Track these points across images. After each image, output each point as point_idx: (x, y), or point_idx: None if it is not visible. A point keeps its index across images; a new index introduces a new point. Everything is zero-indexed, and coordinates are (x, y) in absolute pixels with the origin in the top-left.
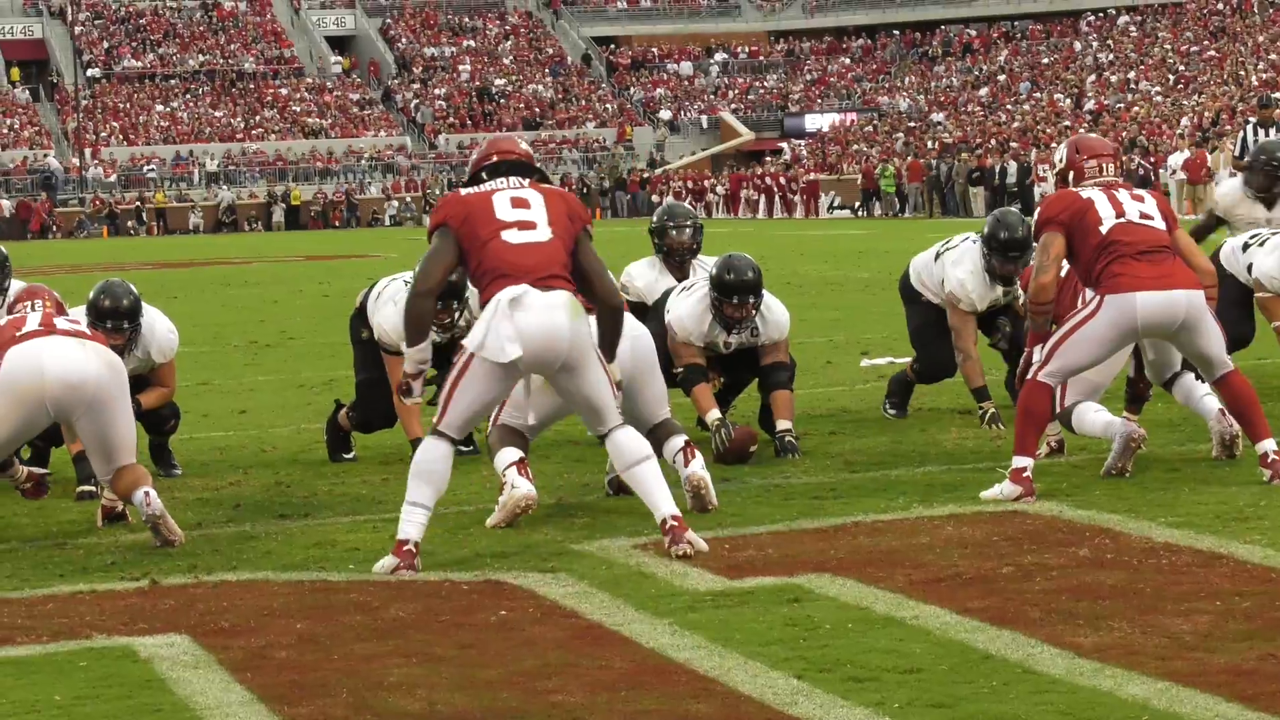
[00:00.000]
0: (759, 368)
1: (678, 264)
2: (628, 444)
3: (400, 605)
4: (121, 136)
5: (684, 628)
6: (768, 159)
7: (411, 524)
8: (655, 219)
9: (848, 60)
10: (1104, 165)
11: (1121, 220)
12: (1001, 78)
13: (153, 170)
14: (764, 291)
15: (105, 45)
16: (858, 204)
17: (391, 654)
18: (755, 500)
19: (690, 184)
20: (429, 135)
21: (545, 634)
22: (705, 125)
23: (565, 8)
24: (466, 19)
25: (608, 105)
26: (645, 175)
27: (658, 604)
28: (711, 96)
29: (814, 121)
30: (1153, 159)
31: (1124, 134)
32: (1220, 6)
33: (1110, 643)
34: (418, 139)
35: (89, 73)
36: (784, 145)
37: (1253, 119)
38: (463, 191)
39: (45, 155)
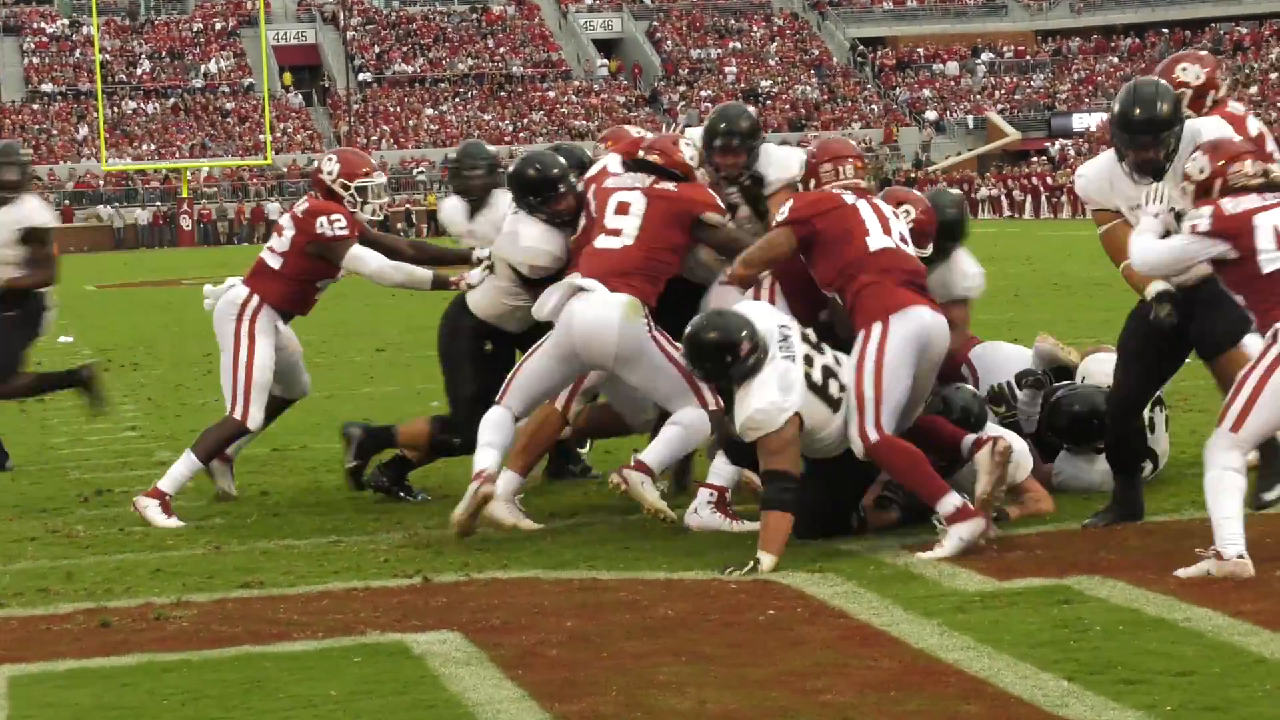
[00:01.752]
0: None
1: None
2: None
3: (669, 604)
4: (392, 140)
5: (953, 628)
6: (1034, 159)
7: (487, 458)
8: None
9: (1115, 59)
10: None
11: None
12: (1274, 76)
13: (422, 173)
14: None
15: (376, 50)
16: None
17: (661, 652)
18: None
19: (957, 185)
20: None
21: (814, 634)
22: (971, 125)
23: (830, 9)
24: (732, 21)
25: (873, 106)
26: (912, 176)
27: (926, 604)
28: (977, 96)
29: (1081, 121)
30: None
31: None
32: None
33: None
34: None
35: (360, 77)
36: (1050, 145)
37: None
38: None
39: (311, 160)
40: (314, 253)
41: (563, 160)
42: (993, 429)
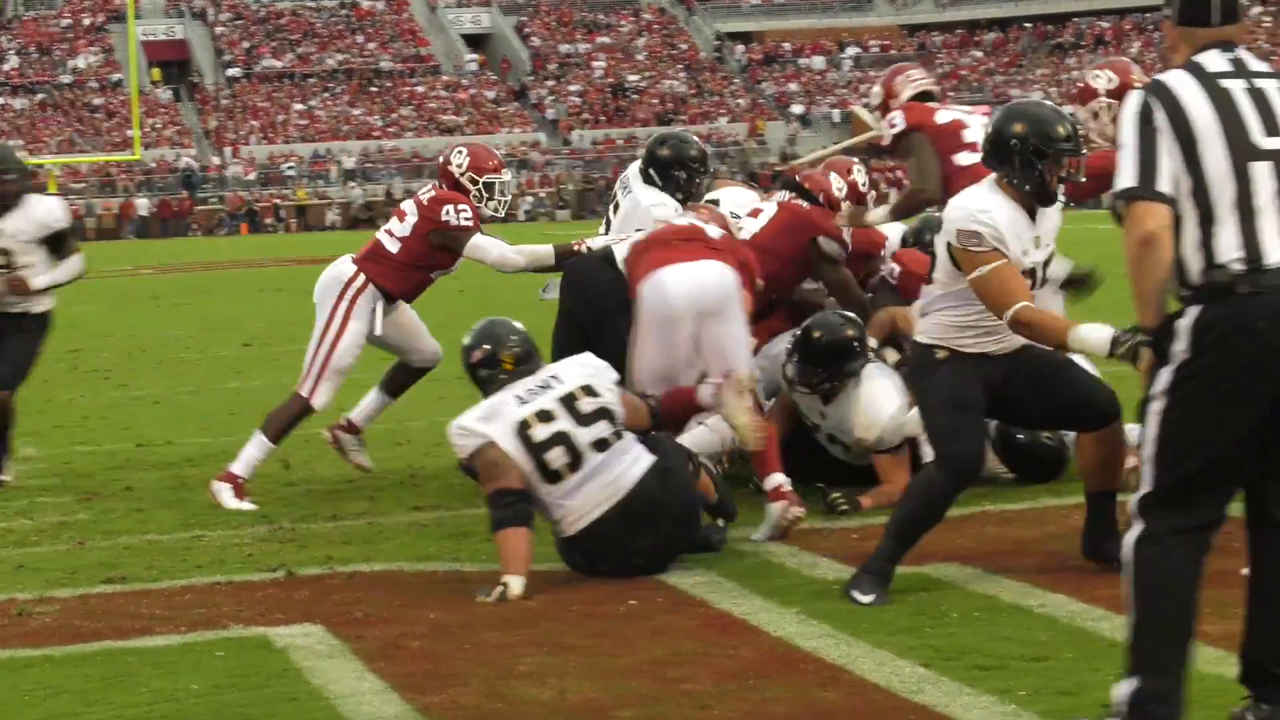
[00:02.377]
0: None
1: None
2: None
3: (531, 595)
4: (260, 135)
5: (811, 616)
6: None
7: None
8: None
9: (980, 53)
10: None
11: None
12: None
13: (291, 168)
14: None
15: (245, 45)
16: None
17: (523, 643)
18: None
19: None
20: (563, 131)
21: (674, 623)
22: (837, 119)
23: (699, 4)
24: (601, 16)
25: (740, 100)
26: (777, 170)
27: (785, 593)
28: (843, 90)
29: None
30: None
31: None
32: None
33: (1237, 630)
34: (552, 135)
35: (229, 72)
36: None
37: None
38: None
39: (179, 155)
40: (436, 241)
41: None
42: None
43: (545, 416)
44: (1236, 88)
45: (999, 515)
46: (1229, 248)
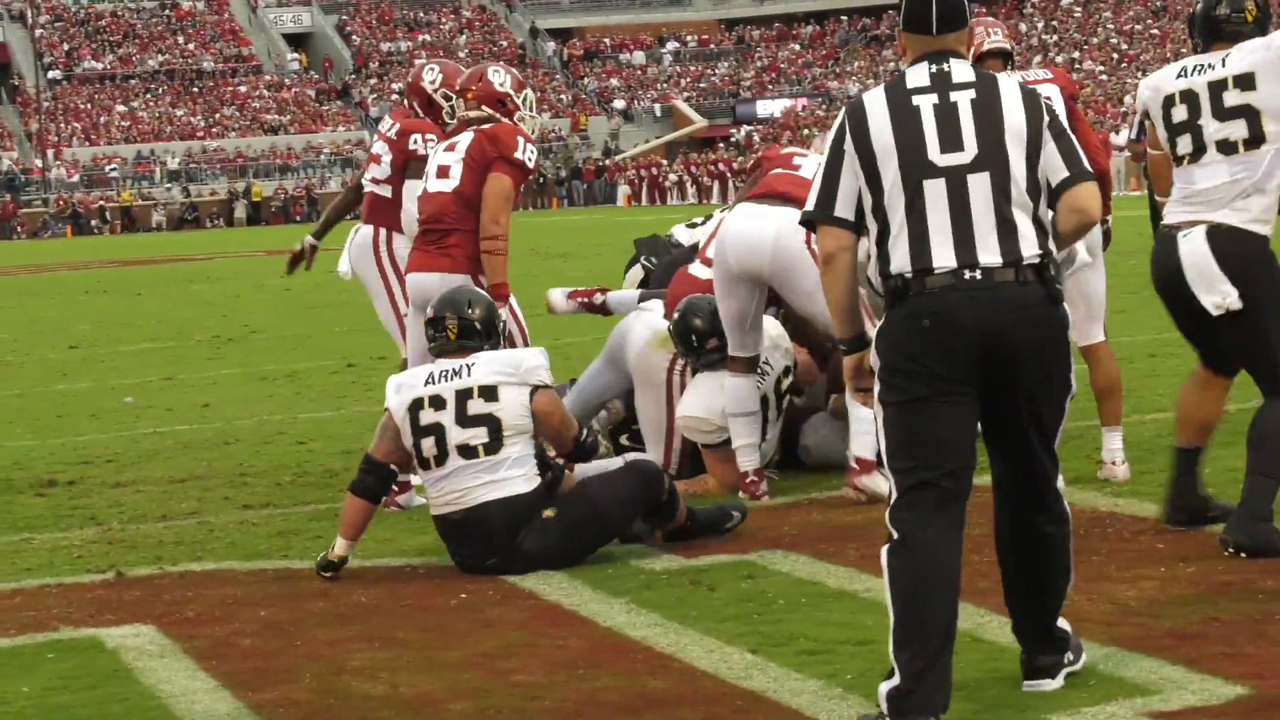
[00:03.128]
0: None
1: None
2: None
3: (362, 591)
4: (83, 137)
5: (640, 606)
6: (720, 145)
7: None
8: None
9: (797, 46)
10: None
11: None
12: None
13: (115, 170)
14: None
15: (66, 47)
16: None
17: (354, 639)
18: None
19: (644, 171)
20: None
21: (505, 615)
22: (658, 113)
23: (519, 1)
24: (421, 14)
25: (562, 96)
26: (600, 164)
27: (614, 583)
28: (664, 85)
29: (765, 107)
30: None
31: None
32: None
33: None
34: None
35: (50, 75)
36: (736, 131)
37: None
38: None
39: (1, 158)
40: (413, 173)
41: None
42: None
43: (437, 403)
44: (926, 103)
45: (824, 501)
46: (902, 258)
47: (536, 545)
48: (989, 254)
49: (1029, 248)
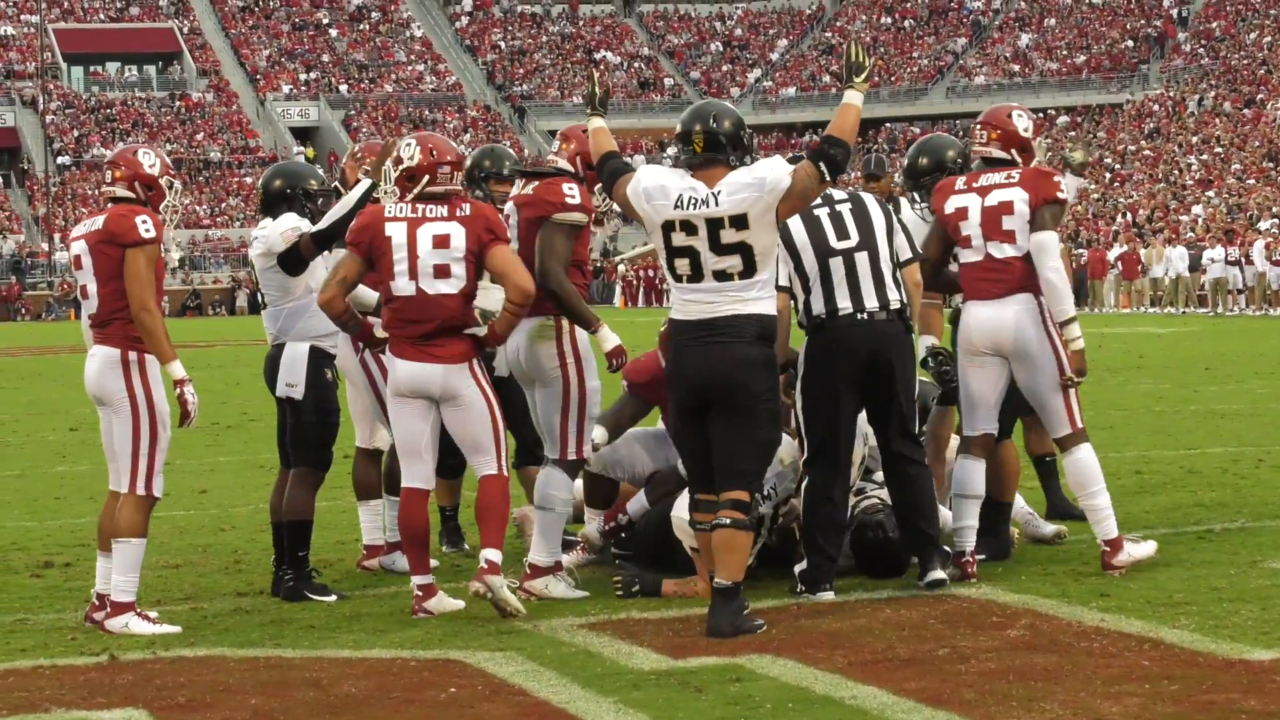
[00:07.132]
0: None
1: None
2: None
3: (353, 682)
4: None
5: (629, 705)
6: None
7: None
8: None
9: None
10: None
11: None
12: None
13: None
14: None
15: (75, 133)
16: None
17: None
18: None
19: (641, 273)
20: None
21: (494, 711)
22: None
23: (525, 103)
24: (426, 111)
25: None
26: (599, 265)
27: (603, 682)
28: None
29: None
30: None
31: (1064, 229)
32: (1155, 109)
33: None
34: None
35: (59, 160)
36: None
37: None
38: None
39: (7, 240)
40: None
41: None
42: None
43: (688, 228)
44: (822, 213)
45: (811, 608)
46: (818, 304)
47: None
48: (871, 302)
49: (895, 298)
